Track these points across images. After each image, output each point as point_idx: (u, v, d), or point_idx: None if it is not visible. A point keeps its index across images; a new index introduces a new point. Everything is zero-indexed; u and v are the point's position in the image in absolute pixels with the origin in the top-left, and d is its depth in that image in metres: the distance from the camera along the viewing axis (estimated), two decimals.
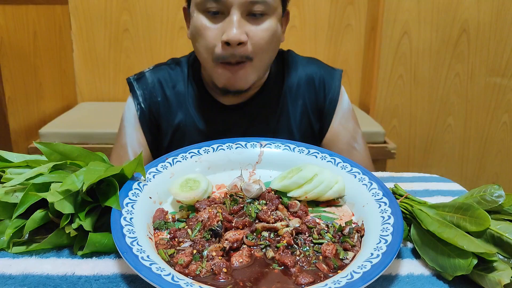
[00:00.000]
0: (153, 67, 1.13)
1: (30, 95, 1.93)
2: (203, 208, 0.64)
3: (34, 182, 0.59)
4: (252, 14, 0.93)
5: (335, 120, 1.11)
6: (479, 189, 0.60)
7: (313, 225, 0.62)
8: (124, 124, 1.10)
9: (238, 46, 0.92)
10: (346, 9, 2.34)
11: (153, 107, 1.08)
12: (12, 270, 0.55)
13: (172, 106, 1.08)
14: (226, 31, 0.91)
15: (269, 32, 0.95)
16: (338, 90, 1.11)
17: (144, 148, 1.08)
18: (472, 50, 2.19)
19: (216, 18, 0.93)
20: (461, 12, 2.13)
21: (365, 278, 0.49)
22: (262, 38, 0.94)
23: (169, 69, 1.11)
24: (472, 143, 2.34)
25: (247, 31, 0.93)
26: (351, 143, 1.12)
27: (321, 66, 1.14)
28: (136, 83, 1.09)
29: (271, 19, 0.95)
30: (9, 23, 1.75)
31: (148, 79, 1.09)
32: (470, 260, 0.51)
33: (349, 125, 1.12)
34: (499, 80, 2.23)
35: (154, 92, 1.08)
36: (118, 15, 2.29)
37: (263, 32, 0.94)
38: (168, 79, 1.09)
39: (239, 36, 0.90)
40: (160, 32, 2.33)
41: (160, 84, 1.09)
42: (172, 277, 0.49)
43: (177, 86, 1.09)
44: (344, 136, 1.11)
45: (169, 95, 1.08)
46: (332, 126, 1.11)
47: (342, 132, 1.11)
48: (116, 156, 1.10)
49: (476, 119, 2.30)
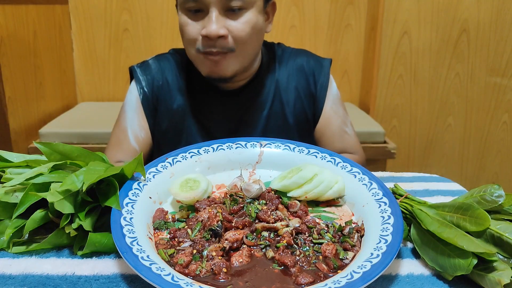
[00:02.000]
0: (155, 56, 1.19)
1: (30, 95, 1.93)
2: (203, 208, 0.64)
3: (34, 182, 0.59)
4: (231, 10, 0.98)
5: (327, 104, 1.17)
6: (479, 189, 0.60)
7: (313, 225, 0.62)
8: (125, 108, 1.14)
9: (219, 39, 0.98)
10: (346, 9, 2.34)
11: (155, 91, 1.14)
12: (12, 270, 0.55)
13: (172, 91, 1.14)
14: (206, 27, 0.98)
15: (249, 24, 1.00)
16: (327, 76, 1.18)
17: (145, 131, 1.13)
18: (472, 50, 2.19)
19: (197, 16, 1.00)
20: (461, 12, 2.13)
21: (365, 278, 0.49)
22: (242, 31, 1.00)
23: (170, 57, 1.18)
24: (472, 143, 2.34)
25: (227, 25, 0.99)
26: (343, 127, 1.18)
27: (311, 55, 1.20)
28: (139, 70, 1.15)
29: (249, 12, 1.00)
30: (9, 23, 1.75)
31: (151, 65, 1.16)
32: (470, 260, 0.51)
33: (339, 110, 1.19)
34: (499, 80, 2.23)
35: (156, 77, 1.14)
36: (118, 15, 2.29)
37: (242, 25, 0.99)
38: (169, 66, 1.16)
39: (217, 31, 0.97)
40: (160, 32, 2.33)
41: (162, 70, 1.15)
42: (172, 277, 0.49)
43: (177, 72, 1.15)
44: (335, 120, 1.18)
45: (170, 80, 1.14)
46: (325, 110, 1.17)
47: (333, 116, 1.18)
48: (115, 140, 1.13)
49: (476, 119, 2.30)
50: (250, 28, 1.00)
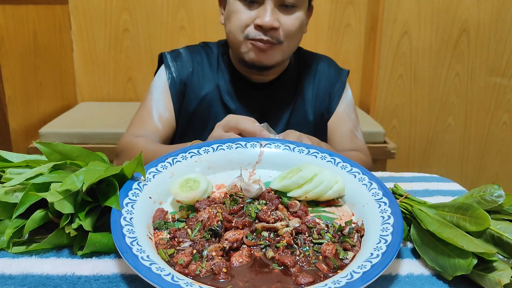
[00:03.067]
0: (186, 47, 1.25)
1: (30, 95, 1.93)
2: (203, 208, 0.64)
3: (34, 182, 0.59)
4: (284, 5, 1.06)
5: (340, 106, 1.24)
6: (479, 189, 0.60)
7: (313, 225, 0.62)
8: (151, 90, 1.19)
9: (271, 31, 1.04)
10: (346, 9, 2.34)
11: (184, 77, 1.19)
12: (12, 270, 0.55)
13: (201, 78, 1.19)
14: (261, 17, 1.03)
15: (298, 21, 1.08)
16: (344, 83, 1.26)
17: (170, 112, 1.18)
18: (472, 50, 2.19)
19: (251, 6, 1.05)
20: (461, 12, 2.13)
21: (365, 278, 0.49)
22: (293, 25, 1.07)
23: (201, 49, 1.24)
24: (472, 143, 2.34)
25: (279, 19, 1.05)
26: (353, 131, 1.24)
27: (332, 64, 1.29)
28: (170, 56, 1.21)
29: (300, 10, 1.08)
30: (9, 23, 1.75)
31: (182, 53, 1.22)
32: (470, 260, 0.51)
33: (352, 115, 1.26)
34: (499, 80, 2.23)
35: (186, 65, 1.20)
36: (118, 15, 2.29)
37: (293, 20, 1.07)
38: (199, 56, 1.22)
39: (272, 22, 1.03)
40: (160, 32, 2.33)
41: (192, 58, 1.21)
42: (172, 277, 0.49)
43: (207, 61, 1.21)
44: (347, 123, 1.24)
45: (199, 69, 1.20)
46: (338, 110, 1.24)
47: (346, 119, 1.24)
48: (138, 118, 1.17)
49: (476, 119, 2.30)
50: (298, 24, 1.08)
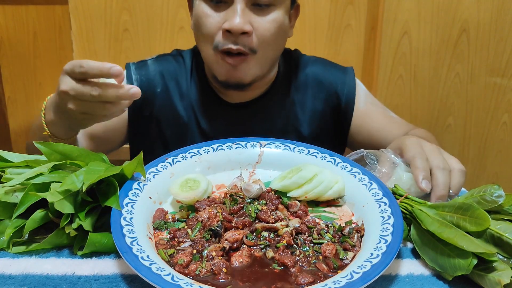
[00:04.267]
0: (156, 57, 1.08)
1: (30, 95, 1.93)
2: (203, 208, 0.64)
3: (34, 182, 0.59)
4: (258, 5, 0.88)
5: (358, 106, 1.06)
6: (479, 189, 0.60)
7: (313, 225, 0.62)
8: None
9: (242, 36, 0.88)
10: (346, 9, 2.34)
11: (149, 96, 1.03)
12: (12, 270, 0.55)
13: (173, 99, 1.04)
14: (229, 20, 0.87)
15: (275, 23, 0.90)
16: (352, 87, 1.07)
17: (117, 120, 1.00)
18: (472, 50, 2.19)
19: (219, 7, 0.89)
20: (461, 12, 2.13)
21: (365, 278, 0.49)
22: (268, 30, 0.90)
23: (173, 60, 1.07)
24: (472, 143, 2.34)
25: (252, 21, 0.88)
26: (386, 114, 1.08)
27: (329, 65, 1.10)
28: (134, 68, 1.05)
29: (278, 10, 0.90)
30: (9, 23, 1.75)
31: (149, 67, 1.05)
32: (470, 260, 0.51)
33: (375, 102, 1.10)
34: (499, 80, 2.23)
35: (153, 82, 1.04)
36: (118, 15, 2.29)
37: (268, 23, 0.89)
38: (171, 71, 1.05)
39: (242, 25, 0.86)
40: (160, 32, 2.33)
41: (161, 75, 1.05)
42: (172, 277, 0.49)
43: (179, 79, 1.05)
44: (376, 112, 1.07)
45: (171, 87, 1.04)
46: (357, 113, 1.06)
47: (373, 111, 1.07)
48: None
49: (476, 119, 2.29)
50: (276, 27, 0.90)
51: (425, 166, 0.69)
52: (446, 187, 0.68)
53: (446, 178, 0.68)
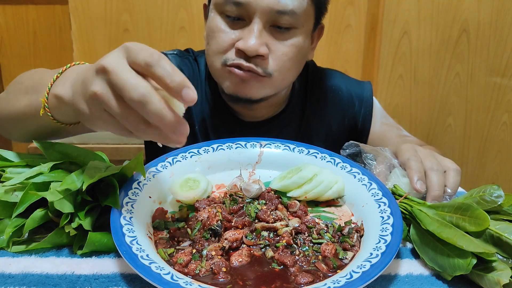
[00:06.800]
0: (178, 52, 1.00)
1: None
2: (202, 208, 0.64)
3: (34, 181, 0.59)
4: (277, 27, 0.82)
5: (374, 127, 1.04)
6: (479, 189, 0.61)
7: (312, 225, 0.62)
8: None
9: (256, 58, 0.81)
10: (346, 9, 2.34)
11: None
12: (11, 269, 0.55)
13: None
14: (244, 39, 0.80)
15: (294, 48, 0.84)
16: (370, 106, 1.04)
17: None
18: (472, 50, 2.19)
19: (235, 24, 0.82)
20: (461, 12, 2.13)
21: (364, 278, 0.49)
22: (286, 55, 0.83)
23: (189, 64, 1.00)
24: (472, 143, 2.34)
25: (269, 44, 0.82)
26: (401, 134, 1.05)
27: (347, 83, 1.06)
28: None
29: (299, 34, 0.84)
30: (9, 23, 1.76)
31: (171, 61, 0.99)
32: (469, 260, 0.51)
33: (390, 121, 1.08)
34: (499, 80, 2.23)
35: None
36: (118, 15, 2.29)
37: (287, 48, 0.83)
38: (189, 76, 0.98)
39: (257, 47, 0.79)
40: (160, 32, 2.33)
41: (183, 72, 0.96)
42: (172, 276, 0.49)
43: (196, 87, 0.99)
44: (391, 132, 1.05)
45: None
46: (373, 132, 1.05)
47: (387, 130, 1.05)
48: None
49: (476, 119, 2.29)
50: (295, 53, 0.84)
51: (419, 168, 0.70)
52: (440, 187, 0.68)
53: (440, 179, 0.68)
